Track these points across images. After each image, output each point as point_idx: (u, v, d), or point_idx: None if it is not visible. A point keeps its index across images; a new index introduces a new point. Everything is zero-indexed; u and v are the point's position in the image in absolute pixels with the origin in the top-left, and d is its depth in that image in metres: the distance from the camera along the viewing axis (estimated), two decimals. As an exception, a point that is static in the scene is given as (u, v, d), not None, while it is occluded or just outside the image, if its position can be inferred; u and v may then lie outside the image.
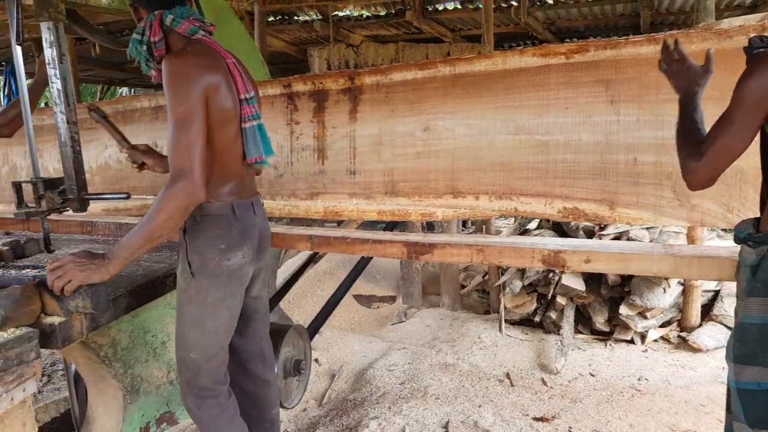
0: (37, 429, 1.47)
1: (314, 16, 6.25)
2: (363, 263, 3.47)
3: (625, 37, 2.02)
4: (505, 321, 4.37)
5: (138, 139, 3.46)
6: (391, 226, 3.97)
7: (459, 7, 5.92)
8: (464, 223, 7.22)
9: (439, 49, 6.39)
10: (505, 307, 4.41)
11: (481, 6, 5.02)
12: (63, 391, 3.12)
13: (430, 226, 5.43)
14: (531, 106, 2.20)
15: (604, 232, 4.23)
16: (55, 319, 1.51)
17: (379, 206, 2.54)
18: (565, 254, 1.93)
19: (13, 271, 1.62)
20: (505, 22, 6.22)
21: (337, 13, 6.22)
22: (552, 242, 2.12)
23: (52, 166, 3.58)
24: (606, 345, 4.05)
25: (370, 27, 6.38)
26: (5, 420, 1.36)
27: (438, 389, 3.24)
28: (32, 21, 2.15)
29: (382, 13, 6.19)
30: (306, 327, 2.87)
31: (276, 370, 2.28)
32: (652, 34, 1.96)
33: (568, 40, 6.92)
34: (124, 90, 10.54)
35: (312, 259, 3.94)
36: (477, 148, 2.35)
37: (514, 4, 5.74)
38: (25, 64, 2.14)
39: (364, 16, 6.38)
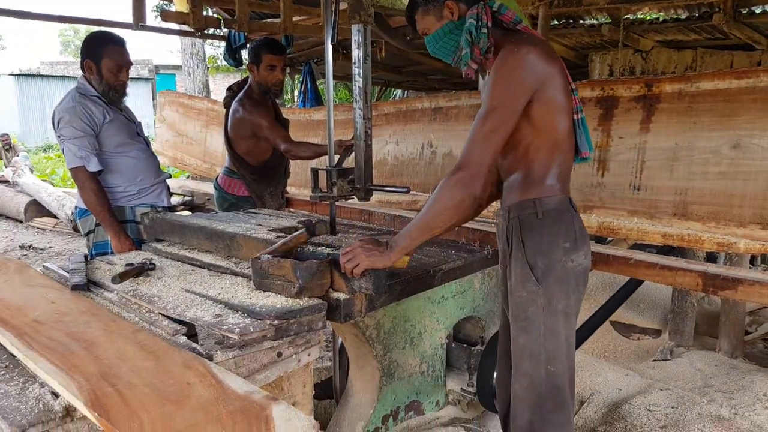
0: (313, 391, 1.62)
1: (603, 19, 5.88)
2: (631, 287, 3.14)
3: None
4: (806, 385, 3.54)
5: (415, 137, 3.68)
6: (665, 250, 3.52)
7: (784, 9, 4.97)
8: (752, 260, 6.05)
9: (748, 57, 5.47)
10: (807, 369, 3.58)
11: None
12: (324, 361, 3.44)
13: (711, 258, 4.69)
14: None
15: None
16: (341, 296, 1.65)
17: (664, 228, 2.26)
18: None
19: (310, 247, 1.82)
20: None
21: (628, 16, 5.75)
22: None
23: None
24: None
25: (666, 31, 5.75)
26: (291, 379, 1.53)
27: (708, 444, 2.77)
28: (343, 24, 2.38)
29: (683, 16, 5.53)
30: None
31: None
32: None
33: None
34: (399, 92, 11.35)
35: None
36: (802, 174, 1.98)
37: None
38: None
39: (660, 19, 5.78)
